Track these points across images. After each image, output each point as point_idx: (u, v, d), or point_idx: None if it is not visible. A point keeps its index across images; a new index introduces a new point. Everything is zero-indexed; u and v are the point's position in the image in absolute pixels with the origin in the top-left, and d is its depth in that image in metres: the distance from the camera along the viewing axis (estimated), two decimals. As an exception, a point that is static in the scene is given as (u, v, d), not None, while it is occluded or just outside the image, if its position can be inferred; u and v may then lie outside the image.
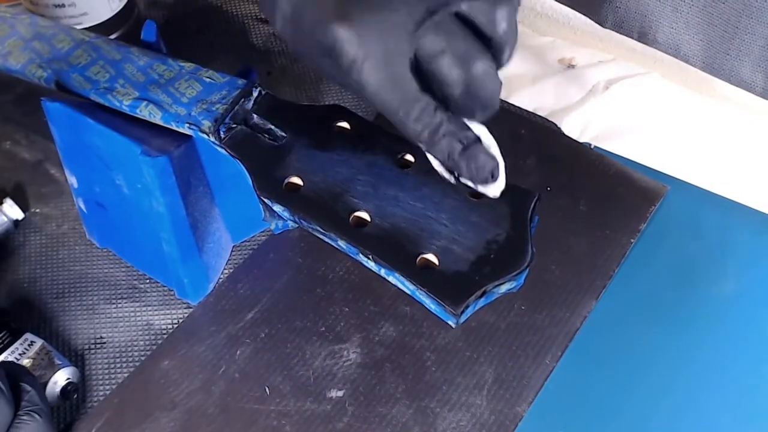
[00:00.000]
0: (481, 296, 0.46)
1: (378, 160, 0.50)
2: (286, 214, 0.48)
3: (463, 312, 0.45)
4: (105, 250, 0.65)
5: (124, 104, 0.54)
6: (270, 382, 0.58)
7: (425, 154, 0.47)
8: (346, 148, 0.50)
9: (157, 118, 0.53)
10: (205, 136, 0.51)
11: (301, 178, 0.49)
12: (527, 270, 0.47)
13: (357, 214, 0.48)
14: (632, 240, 0.66)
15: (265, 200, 0.49)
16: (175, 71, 0.54)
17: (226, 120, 0.51)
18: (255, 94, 0.53)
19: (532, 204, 0.49)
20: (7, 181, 0.69)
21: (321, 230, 0.48)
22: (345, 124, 0.51)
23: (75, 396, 0.56)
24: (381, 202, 0.48)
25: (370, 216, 0.48)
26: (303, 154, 0.50)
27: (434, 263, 0.46)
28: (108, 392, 0.57)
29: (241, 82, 0.53)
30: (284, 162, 0.50)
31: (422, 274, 0.46)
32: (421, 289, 0.46)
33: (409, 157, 0.50)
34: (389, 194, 0.48)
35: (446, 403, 0.57)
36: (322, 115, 0.52)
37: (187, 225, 0.57)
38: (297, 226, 0.49)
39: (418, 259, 0.47)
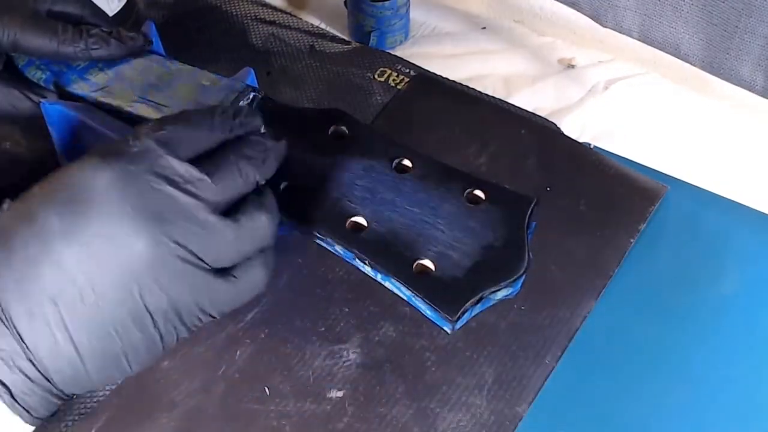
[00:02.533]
0: (477, 302, 0.46)
1: (375, 164, 0.50)
2: (284, 219, 0.49)
3: (459, 318, 0.45)
4: (105, 250, 0.65)
5: (124, 108, 0.54)
6: (270, 382, 0.58)
7: (422, 159, 0.47)
8: (344, 153, 0.50)
9: None
10: None
11: (296, 183, 0.49)
12: (524, 276, 0.47)
13: (354, 219, 0.48)
14: (632, 240, 0.66)
15: None
16: (172, 73, 0.54)
17: None
18: (251, 98, 0.53)
19: (530, 210, 0.49)
20: (7, 181, 0.69)
21: (318, 235, 0.48)
22: (342, 128, 0.51)
23: (75, 396, 0.56)
24: (378, 207, 0.48)
25: (367, 221, 0.48)
26: (300, 159, 0.50)
27: (431, 269, 0.46)
28: (108, 392, 0.57)
29: (238, 85, 0.53)
30: (281, 167, 0.50)
31: (418, 280, 0.46)
32: (417, 296, 0.46)
33: (407, 162, 0.50)
34: (386, 199, 0.48)
35: (446, 403, 0.57)
36: (319, 118, 0.52)
37: (187, 226, 0.57)
38: (295, 230, 0.49)
39: (415, 264, 0.47)
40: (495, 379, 0.58)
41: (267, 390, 0.57)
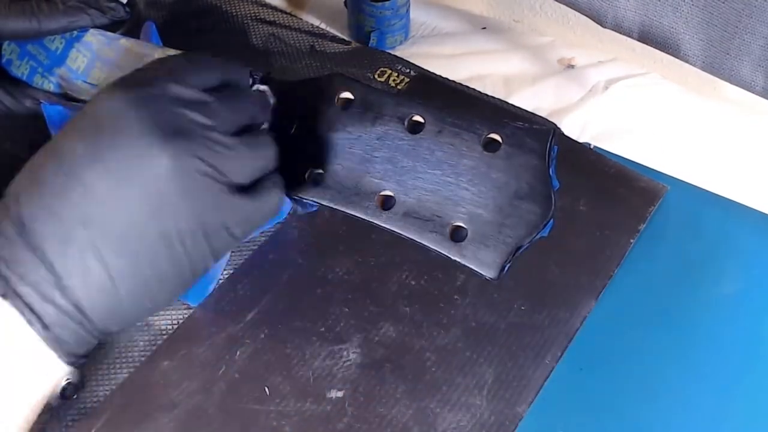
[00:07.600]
0: (514, 254, 0.47)
1: (389, 129, 0.49)
2: (315, 204, 0.49)
3: (500, 275, 0.47)
4: (105, 250, 0.65)
5: None
6: (270, 382, 0.58)
7: (432, 112, 0.48)
8: (355, 123, 0.50)
9: None
10: None
11: (321, 167, 0.49)
12: (552, 219, 0.48)
13: (381, 193, 0.48)
14: (632, 240, 0.66)
15: (295, 198, 0.49)
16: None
17: None
18: (254, 80, 0.52)
19: (548, 145, 0.48)
20: (7, 181, 0.69)
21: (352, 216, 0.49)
22: (348, 94, 0.51)
23: (75, 396, 0.56)
24: (401, 177, 0.48)
25: (394, 193, 0.48)
26: (316, 140, 0.50)
27: (465, 229, 0.47)
28: (108, 392, 0.57)
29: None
30: (301, 153, 0.50)
31: (455, 248, 0.47)
32: (457, 261, 0.47)
33: (418, 118, 0.49)
34: (407, 166, 0.48)
35: (446, 403, 0.57)
36: (322, 89, 0.51)
37: (187, 225, 0.57)
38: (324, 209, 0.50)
39: (449, 228, 0.47)
40: (495, 379, 0.58)
41: (267, 390, 0.57)
